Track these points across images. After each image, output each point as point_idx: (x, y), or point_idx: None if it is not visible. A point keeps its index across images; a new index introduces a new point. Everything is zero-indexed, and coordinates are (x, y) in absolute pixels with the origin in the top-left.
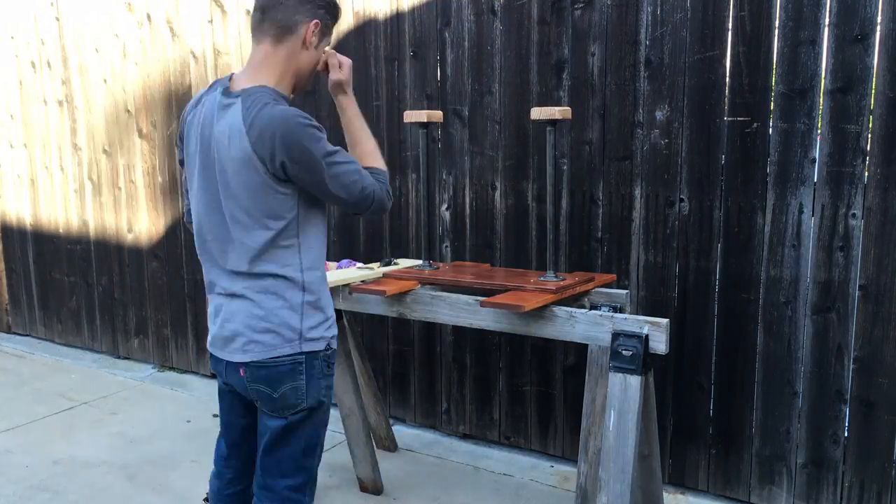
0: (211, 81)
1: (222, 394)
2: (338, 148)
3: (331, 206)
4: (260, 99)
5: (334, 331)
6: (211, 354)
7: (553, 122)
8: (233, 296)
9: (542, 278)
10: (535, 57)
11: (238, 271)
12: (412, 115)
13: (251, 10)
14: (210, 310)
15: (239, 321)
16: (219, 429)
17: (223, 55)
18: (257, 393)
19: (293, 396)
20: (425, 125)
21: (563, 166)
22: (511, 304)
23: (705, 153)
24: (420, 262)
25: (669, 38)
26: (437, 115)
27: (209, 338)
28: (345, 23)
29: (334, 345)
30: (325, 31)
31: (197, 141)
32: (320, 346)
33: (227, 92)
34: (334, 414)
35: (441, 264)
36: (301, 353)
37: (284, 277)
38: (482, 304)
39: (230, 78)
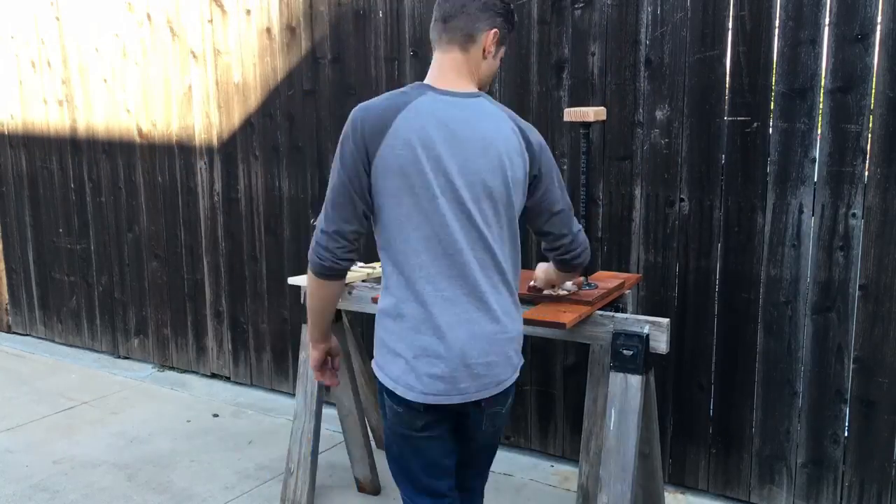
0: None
1: (438, 440)
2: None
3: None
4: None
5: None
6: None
7: (587, 125)
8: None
9: (568, 283)
10: (535, 56)
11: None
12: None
13: (438, 20)
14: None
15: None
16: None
17: (223, 55)
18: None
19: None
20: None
21: (563, 166)
22: (551, 321)
23: (705, 153)
24: None
25: (669, 38)
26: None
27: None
28: (345, 22)
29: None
30: (503, 40)
31: (421, 143)
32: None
33: (444, 93)
34: (333, 414)
35: None
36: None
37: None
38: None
39: (428, 84)
